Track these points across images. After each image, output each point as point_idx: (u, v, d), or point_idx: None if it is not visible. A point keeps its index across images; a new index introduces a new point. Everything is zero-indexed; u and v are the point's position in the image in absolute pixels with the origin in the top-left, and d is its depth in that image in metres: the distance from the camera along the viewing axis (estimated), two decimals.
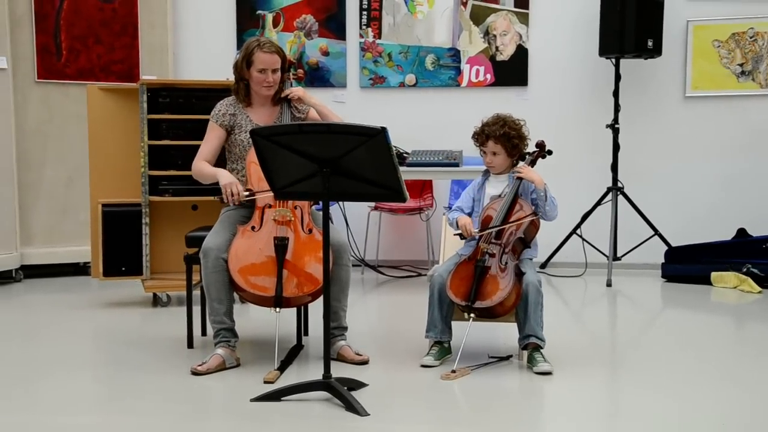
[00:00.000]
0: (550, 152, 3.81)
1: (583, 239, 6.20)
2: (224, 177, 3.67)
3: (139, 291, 5.13)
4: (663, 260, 6.09)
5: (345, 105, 6.66)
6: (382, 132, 2.90)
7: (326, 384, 3.05)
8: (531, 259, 3.67)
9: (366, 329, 4.46)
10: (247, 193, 3.63)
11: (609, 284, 5.75)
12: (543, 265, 6.32)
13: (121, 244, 4.97)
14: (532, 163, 3.74)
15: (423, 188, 6.46)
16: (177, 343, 3.99)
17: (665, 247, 6.12)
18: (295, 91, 3.86)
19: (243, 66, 3.78)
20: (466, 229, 3.61)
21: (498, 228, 3.57)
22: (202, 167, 3.80)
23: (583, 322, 4.94)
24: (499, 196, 3.69)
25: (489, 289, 3.48)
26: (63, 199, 6.14)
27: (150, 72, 6.46)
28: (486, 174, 3.81)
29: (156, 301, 5.03)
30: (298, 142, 3.03)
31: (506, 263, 3.52)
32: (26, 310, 5.16)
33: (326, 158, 3.01)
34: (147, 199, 4.95)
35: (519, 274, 3.52)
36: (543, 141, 3.79)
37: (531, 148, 3.78)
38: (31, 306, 5.23)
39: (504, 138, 3.65)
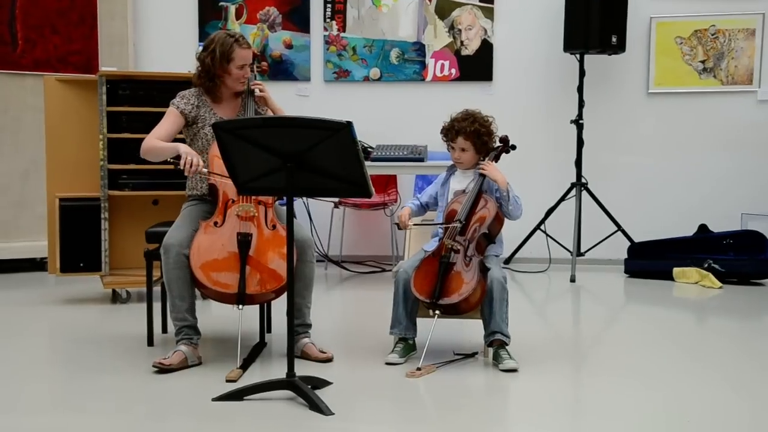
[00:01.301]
0: (513, 147, 3.78)
1: (547, 235, 6.21)
2: (184, 147, 3.55)
3: (97, 287, 5.02)
4: (626, 256, 6.12)
5: (309, 99, 6.61)
6: (348, 126, 2.85)
7: (290, 383, 2.99)
8: (497, 256, 3.64)
9: (330, 326, 4.42)
10: (206, 169, 3.54)
11: (573, 280, 5.76)
12: (507, 261, 6.32)
13: (79, 240, 4.86)
14: (496, 158, 3.72)
15: (387, 183, 6.42)
16: (137, 341, 3.91)
17: (628, 243, 6.15)
18: (263, 87, 3.79)
19: (222, 62, 3.68)
20: (401, 219, 3.62)
21: (438, 224, 3.54)
22: (155, 143, 3.62)
23: (547, 318, 4.94)
24: (464, 191, 3.66)
25: (453, 285, 3.45)
26: (19, 192, 6.01)
27: (109, 64, 6.32)
28: (451, 169, 3.78)
29: (115, 298, 4.93)
30: (261, 136, 2.97)
31: (471, 259, 3.49)
32: None
33: (290, 153, 2.95)
34: (106, 194, 4.85)
35: (484, 270, 3.49)
36: (507, 136, 3.77)
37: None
38: None
39: (474, 135, 3.62)
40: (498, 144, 3.75)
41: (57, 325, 4.47)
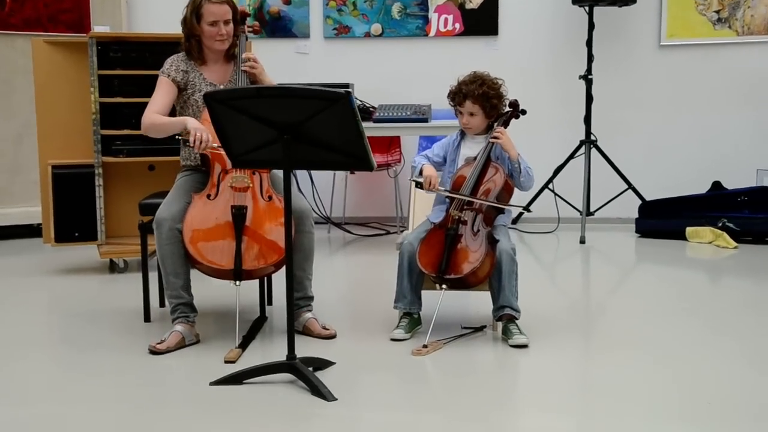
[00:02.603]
0: (524, 112, 3.60)
1: (556, 194, 6.05)
2: (193, 121, 3.38)
3: (95, 255, 4.88)
4: (637, 215, 5.96)
5: (308, 56, 6.40)
6: (346, 97, 2.67)
7: (290, 366, 2.86)
8: (504, 226, 3.48)
9: (334, 295, 4.27)
10: (216, 144, 3.38)
11: (582, 241, 5.60)
12: (515, 221, 6.16)
13: (73, 209, 4.71)
14: (506, 124, 3.54)
15: (391, 143, 6.24)
16: (134, 315, 3.78)
17: (639, 201, 5.98)
18: (256, 65, 3.58)
19: (192, 21, 3.51)
20: (429, 181, 3.40)
21: (464, 197, 3.37)
22: (156, 118, 3.46)
23: (557, 284, 4.79)
24: (475, 158, 3.49)
25: (461, 258, 3.30)
26: (12, 157, 5.85)
27: (102, 21, 6.11)
28: (462, 133, 3.60)
29: (113, 267, 4.80)
30: (256, 107, 2.79)
31: (478, 230, 3.34)
32: None
33: (287, 124, 2.78)
34: (100, 160, 4.68)
35: (492, 242, 3.33)
36: (516, 100, 3.58)
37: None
38: None
39: (482, 98, 3.43)
40: (507, 109, 3.57)
41: (53, 298, 4.35)
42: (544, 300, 4.11)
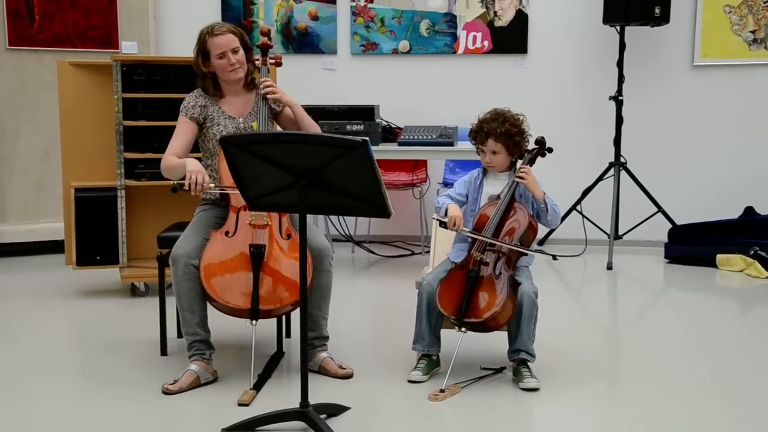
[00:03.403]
0: (550, 150, 3.51)
1: (584, 216, 5.95)
2: (191, 164, 3.34)
3: (116, 276, 4.87)
4: (666, 239, 5.84)
5: (335, 73, 6.35)
6: (364, 145, 2.61)
7: (303, 414, 2.81)
8: (527, 266, 3.41)
9: (353, 325, 4.22)
10: (213, 185, 3.36)
11: (609, 267, 5.49)
12: (541, 242, 6.08)
13: (95, 232, 4.70)
14: (531, 162, 3.45)
15: (416, 163, 6.17)
16: (152, 347, 3.75)
17: (669, 225, 5.87)
18: (275, 88, 3.54)
19: (200, 62, 3.50)
20: (454, 221, 3.32)
21: (487, 239, 3.29)
22: (170, 161, 3.47)
23: (581, 315, 4.70)
24: (498, 196, 3.41)
25: (481, 302, 3.23)
26: (39, 173, 5.88)
27: (130, 37, 6.14)
28: (485, 170, 3.52)
29: (134, 291, 4.79)
30: (272, 152, 2.74)
31: (500, 273, 3.26)
32: None
33: (303, 169, 2.73)
34: (123, 184, 4.67)
35: (514, 285, 3.26)
36: (543, 138, 3.49)
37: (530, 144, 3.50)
38: (3, 292, 4.97)
39: (505, 136, 3.35)
40: (533, 146, 3.49)
41: (73, 323, 4.36)
42: (567, 334, 4.02)
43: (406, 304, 3.77)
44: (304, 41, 6.35)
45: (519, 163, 3.47)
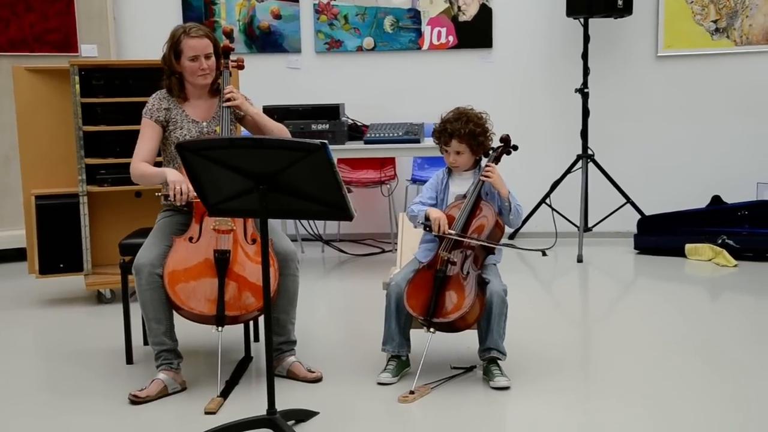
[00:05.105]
0: (515, 147, 3.48)
1: (553, 209, 5.94)
2: (172, 173, 3.31)
3: (81, 283, 4.79)
4: (635, 230, 5.85)
5: (300, 72, 6.30)
6: (322, 148, 2.57)
7: (270, 421, 2.77)
8: (495, 265, 3.38)
9: (323, 327, 4.18)
10: (195, 194, 3.30)
11: (580, 260, 5.49)
12: (511, 236, 6.07)
13: (58, 239, 4.63)
14: (497, 160, 3.42)
15: (384, 160, 6.13)
16: (118, 355, 3.68)
17: (638, 216, 5.88)
18: (235, 95, 3.47)
19: (171, 58, 3.41)
20: (439, 223, 3.27)
21: (458, 237, 3.26)
22: (144, 168, 3.41)
23: (553, 309, 4.68)
24: (464, 196, 3.38)
25: (449, 302, 3.20)
26: (1, 180, 5.76)
27: (89, 40, 6.04)
28: (450, 170, 3.48)
29: (100, 298, 4.71)
30: (230, 157, 2.69)
31: (468, 273, 3.23)
32: None
33: (262, 174, 2.68)
34: (85, 190, 4.59)
35: (482, 284, 3.23)
36: (508, 135, 3.46)
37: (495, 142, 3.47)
38: None
39: (469, 136, 3.32)
40: (498, 144, 3.46)
41: (38, 333, 4.28)
42: (538, 330, 4.01)
43: (376, 303, 3.73)
44: (267, 40, 6.29)
45: (484, 161, 3.44)
